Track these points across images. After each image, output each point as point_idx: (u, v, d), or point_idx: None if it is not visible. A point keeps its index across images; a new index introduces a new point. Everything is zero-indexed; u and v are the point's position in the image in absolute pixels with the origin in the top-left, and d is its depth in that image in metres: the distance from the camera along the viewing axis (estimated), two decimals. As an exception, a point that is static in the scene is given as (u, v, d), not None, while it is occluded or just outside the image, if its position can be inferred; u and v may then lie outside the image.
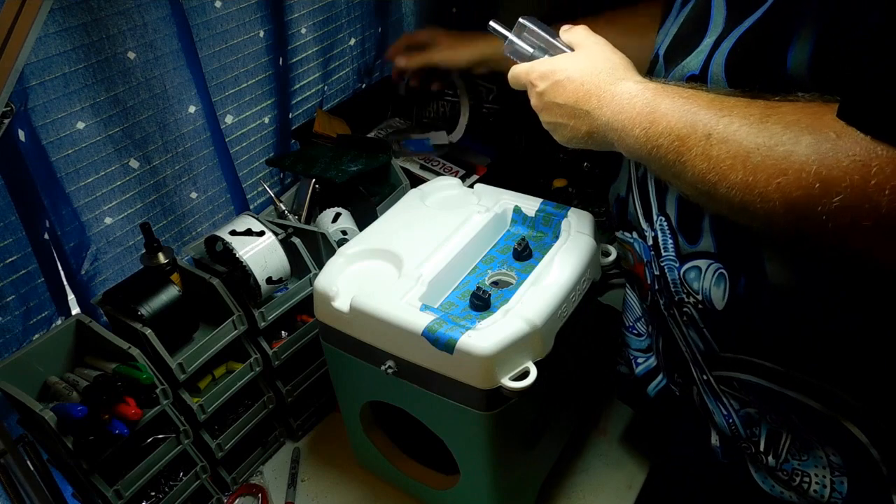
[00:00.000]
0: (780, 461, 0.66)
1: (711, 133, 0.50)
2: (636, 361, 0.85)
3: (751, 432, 0.68)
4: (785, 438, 0.65)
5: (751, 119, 0.48)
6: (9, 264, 0.88)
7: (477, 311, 0.77)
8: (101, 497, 0.78)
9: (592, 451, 0.98)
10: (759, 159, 0.46)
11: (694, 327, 0.68)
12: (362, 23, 1.40)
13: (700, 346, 0.69)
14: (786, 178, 0.45)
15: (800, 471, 0.64)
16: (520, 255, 0.84)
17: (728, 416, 0.69)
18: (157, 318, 0.84)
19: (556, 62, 0.68)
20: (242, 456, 0.98)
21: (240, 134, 1.20)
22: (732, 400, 0.68)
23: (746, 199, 0.48)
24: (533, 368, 0.70)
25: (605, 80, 0.63)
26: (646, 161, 0.59)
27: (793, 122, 0.46)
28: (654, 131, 0.55)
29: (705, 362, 0.70)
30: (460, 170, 1.29)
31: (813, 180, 0.43)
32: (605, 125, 0.62)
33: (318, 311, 0.82)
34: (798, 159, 0.44)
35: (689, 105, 0.53)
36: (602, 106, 0.62)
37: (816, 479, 0.63)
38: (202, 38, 1.06)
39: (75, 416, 0.73)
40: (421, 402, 0.78)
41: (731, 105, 0.51)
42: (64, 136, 0.91)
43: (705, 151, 0.50)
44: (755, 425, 0.67)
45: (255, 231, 0.91)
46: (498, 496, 0.82)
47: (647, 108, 0.57)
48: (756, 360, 0.64)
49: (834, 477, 0.62)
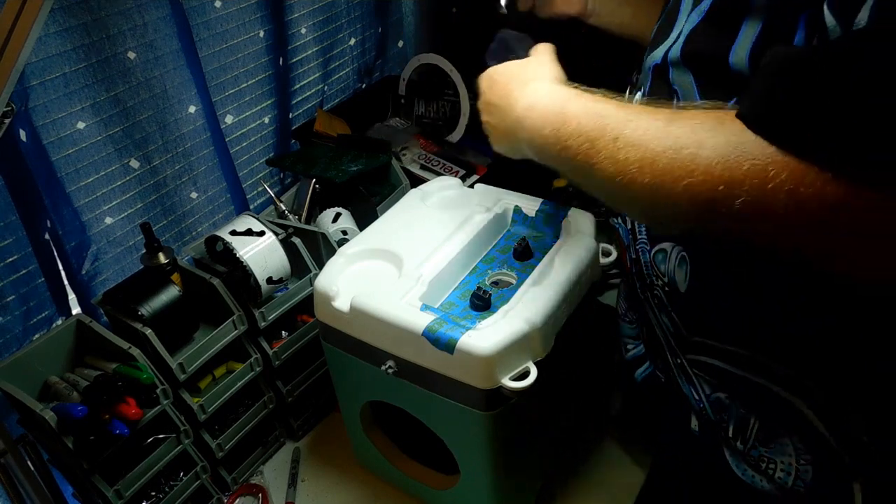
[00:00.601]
0: (748, 447, 0.66)
1: (619, 136, 0.51)
2: (626, 348, 0.86)
3: (720, 417, 0.68)
4: (753, 424, 0.65)
5: (657, 123, 0.49)
6: (9, 264, 0.89)
7: (477, 311, 0.77)
8: (102, 497, 0.78)
9: (592, 451, 0.98)
10: (665, 162, 0.47)
11: (664, 310, 0.70)
12: (362, 23, 1.40)
13: (671, 329, 0.71)
14: (692, 181, 0.45)
15: (766, 457, 0.65)
16: (520, 255, 0.84)
17: (699, 400, 0.70)
18: (158, 318, 0.84)
19: (498, 66, 0.70)
20: (243, 456, 0.98)
21: (240, 134, 1.20)
22: (704, 384, 0.69)
23: (654, 200, 0.49)
24: (533, 368, 0.71)
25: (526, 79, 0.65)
26: (555, 162, 0.59)
27: (697, 126, 0.47)
28: (564, 132, 0.56)
29: (677, 345, 0.71)
30: (460, 170, 1.29)
31: (717, 182, 0.44)
32: (516, 122, 0.63)
33: (319, 311, 0.82)
34: (703, 162, 0.45)
35: (599, 108, 0.54)
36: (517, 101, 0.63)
37: (782, 465, 0.64)
38: (202, 38, 1.06)
39: (75, 416, 0.73)
40: (421, 402, 0.78)
41: (638, 110, 0.52)
42: (64, 136, 0.92)
43: (613, 155, 0.51)
44: (724, 411, 0.68)
45: (256, 231, 0.91)
46: (498, 496, 0.82)
47: (558, 107, 0.58)
48: (718, 344, 0.65)
49: (799, 465, 0.62)
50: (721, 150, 0.44)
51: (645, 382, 0.83)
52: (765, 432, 0.65)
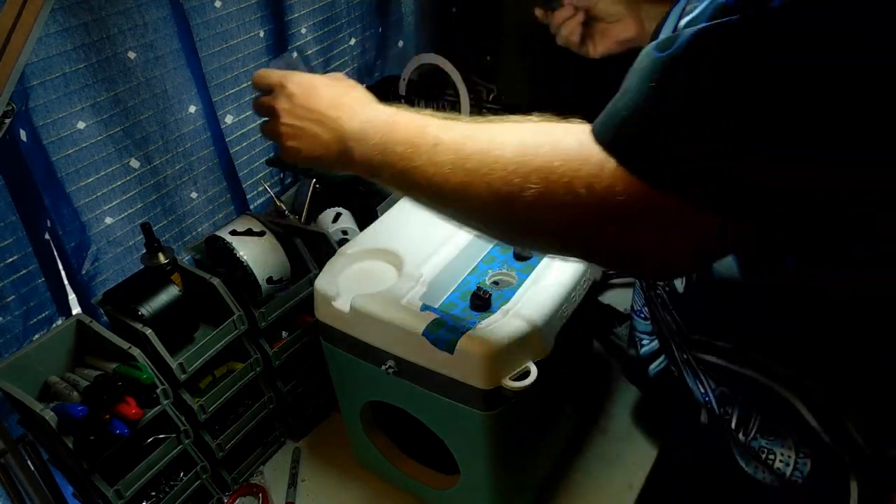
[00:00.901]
0: (749, 438, 0.69)
1: (438, 142, 0.56)
2: (641, 343, 0.89)
3: (724, 411, 0.71)
4: (755, 419, 0.68)
5: (472, 130, 0.55)
6: (9, 264, 0.88)
7: (477, 310, 0.77)
8: (102, 497, 0.78)
9: (592, 451, 0.98)
10: (474, 164, 0.53)
11: (666, 309, 0.74)
12: (362, 23, 1.40)
13: (673, 328, 0.74)
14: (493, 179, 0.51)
15: (766, 448, 0.67)
16: (520, 254, 0.84)
17: (705, 394, 0.73)
18: (158, 318, 0.84)
19: (318, 78, 0.74)
20: (243, 456, 0.98)
21: (240, 134, 1.20)
22: (710, 379, 0.72)
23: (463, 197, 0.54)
24: (533, 368, 0.71)
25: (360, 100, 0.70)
26: (378, 169, 0.63)
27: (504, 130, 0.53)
28: (391, 138, 0.61)
29: (682, 342, 0.74)
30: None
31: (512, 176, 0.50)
32: (349, 133, 0.66)
33: (319, 311, 0.82)
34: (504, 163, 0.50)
35: (424, 120, 0.60)
36: (353, 116, 0.67)
37: (781, 456, 0.66)
38: (202, 38, 1.06)
39: (76, 416, 0.73)
40: (421, 402, 0.78)
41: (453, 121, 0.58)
42: (65, 136, 0.91)
43: (432, 158, 0.56)
44: (729, 404, 0.71)
45: (256, 231, 0.91)
46: (498, 496, 0.82)
47: (390, 119, 0.63)
48: (716, 342, 0.68)
49: (798, 458, 0.65)
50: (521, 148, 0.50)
51: (658, 377, 0.84)
52: (767, 427, 0.67)
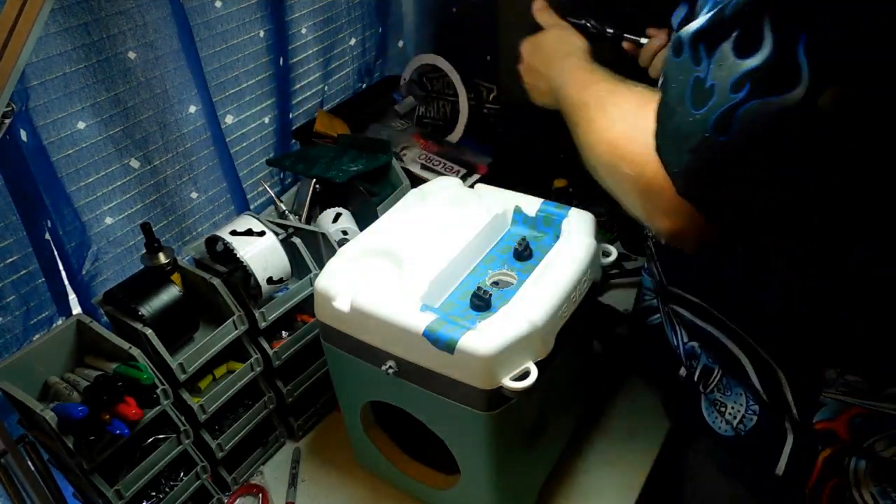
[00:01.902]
0: (707, 391, 0.76)
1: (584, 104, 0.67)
2: (643, 298, 0.95)
3: (689, 364, 0.78)
4: (716, 373, 0.75)
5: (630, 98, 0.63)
6: (9, 264, 0.89)
7: (477, 311, 0.77)
8: (102, 497, 0.78)
9: (592, 451, 0.98)
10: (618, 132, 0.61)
11: (652, 259, 0.82)
12: (362, 23, 1.40)
13: (657, 279, 0.81)
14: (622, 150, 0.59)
15: (719, 400, 0.75)
16: (520, 255, 0.84)
17: (677, 346, 0.80)
18: (158, 318, 0.84)
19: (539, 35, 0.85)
20: (243, 456, 0.98)
21: (240, 134, 1.20)
22: (683, 331, 0.79)
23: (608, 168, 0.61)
24: (534, 368, 0.71)
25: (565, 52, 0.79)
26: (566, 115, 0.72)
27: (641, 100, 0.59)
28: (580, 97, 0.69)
29: (662, 294, 0.80)
30: (461, 169, 1.29)
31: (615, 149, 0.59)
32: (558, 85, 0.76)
33: (319, 311, 0.82)
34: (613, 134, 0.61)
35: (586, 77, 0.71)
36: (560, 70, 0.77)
37: (731, 410, 0.73)
38: (202, 38, 1.06)
39: (76, 416, 0.73)
40: (421, 402, 0.78)
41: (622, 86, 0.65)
42: (65, 136, 0.92)
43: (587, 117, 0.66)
44: (695, 358, 0.77)
45: (256, 231, 0.91)
46: (498, 496, 0.82)
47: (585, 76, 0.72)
48: (688, 295, 0.74)
49: (746, 414, 0.72)
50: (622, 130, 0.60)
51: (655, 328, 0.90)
52: (725, 381, 0.74)
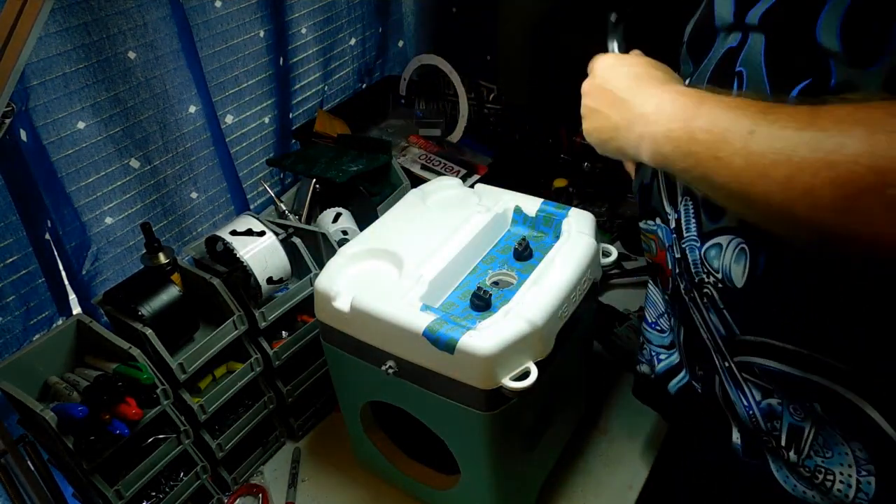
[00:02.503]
0: (803, 457, 0.63)
1: (755, 129, 0.47)
2: (658, 358, 0.84)
3: (772, 426, 0.65)
4: (808, 432, 0.62)
5: (798, 116, 0.46)
6: (9, 264, 0.89)
7: (477, 311, 0.77)
8: (102, 497, 0.78)
9: (592, 451, 0.98)
10: (806, 152, 0.44)
11: (714, 309, 0.67)
12: (362, 23, 1.40)
13: (721, 331, 0.67)
14: (835, 172, 0.42)
15: (823, 468, 0.61)
16: (520, 255, 0.84)
17: (749, 407, 0.67)
18: (158, 318, 0.84)
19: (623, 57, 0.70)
20: (243, 456, 0.98)
21: (240, 134, 1.20)
22: (754, 389, 0.66)
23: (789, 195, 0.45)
24: (533, 368, 0.71)
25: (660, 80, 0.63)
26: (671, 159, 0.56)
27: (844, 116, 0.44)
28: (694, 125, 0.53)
29: (726, 348, 0.68)
30: (461, 169, 1.29)
31: (865, 172, 0.41)
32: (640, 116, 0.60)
33: (319, 311, 0.82)
34: (850, 151, 0.42)
35: (736, 102, 0.51)
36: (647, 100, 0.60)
37: (841, 477, 0.60)
38: (202, 38, 1.06)
39: (76, 416, 0.73)
40: (421, 402, 0.78)
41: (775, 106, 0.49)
42: (65, 136, 0.92)
43: (746, 147, 0.48)
44: (777, 418, 0.65)
45: (256, 231, 0.91)
46: (498, 496, 0.82)
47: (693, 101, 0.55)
48: (776, 342, 0.61)
49: (860, 476, 0.59)
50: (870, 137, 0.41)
51: (680, 394, 0.79)
52: (821, 440, 0.61)
